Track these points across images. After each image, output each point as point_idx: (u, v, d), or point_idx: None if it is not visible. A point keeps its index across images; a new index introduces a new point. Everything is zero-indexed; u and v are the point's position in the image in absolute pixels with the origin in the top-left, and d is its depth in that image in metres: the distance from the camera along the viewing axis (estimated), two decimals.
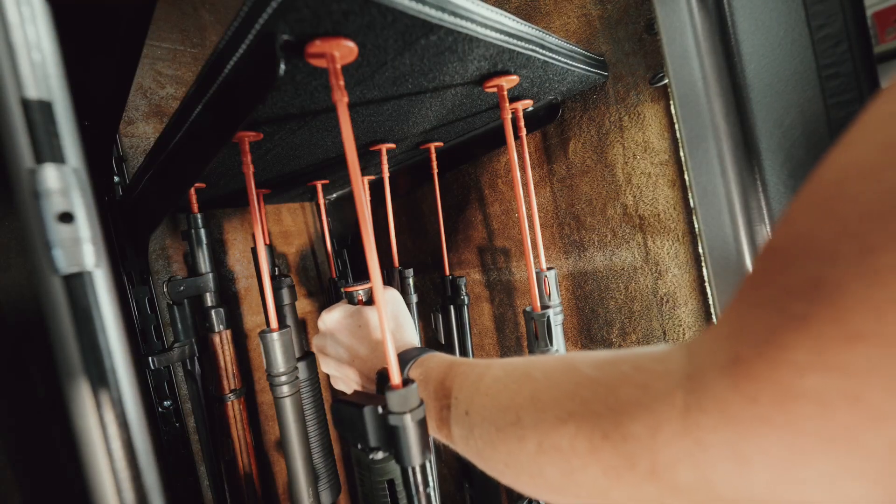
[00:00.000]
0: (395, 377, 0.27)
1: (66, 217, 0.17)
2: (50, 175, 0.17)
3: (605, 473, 0.18)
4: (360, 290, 0.46)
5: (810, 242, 0.13)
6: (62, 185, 0.17)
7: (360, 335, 0.41)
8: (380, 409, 0.27)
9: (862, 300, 0.11)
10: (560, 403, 0.21)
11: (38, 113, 0.17)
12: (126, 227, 0.63)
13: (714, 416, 0.15)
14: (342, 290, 0.47)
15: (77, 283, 0.18)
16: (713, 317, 0.49)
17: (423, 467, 0.27)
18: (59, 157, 0.17)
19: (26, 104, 0.17)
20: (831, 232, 0.12)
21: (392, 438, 0.26)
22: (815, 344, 0.12)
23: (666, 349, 0.19)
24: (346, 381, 0.44)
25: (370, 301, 0.46)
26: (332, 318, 0.44)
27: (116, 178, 0.65)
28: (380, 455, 0.28)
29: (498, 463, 0.24)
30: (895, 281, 0.11)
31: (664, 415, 0.16)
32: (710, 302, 0.49)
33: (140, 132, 0.71)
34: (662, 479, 0.16)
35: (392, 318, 0.42)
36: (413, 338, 0.42)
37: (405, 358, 0.36)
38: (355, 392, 0.34)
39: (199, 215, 0.61)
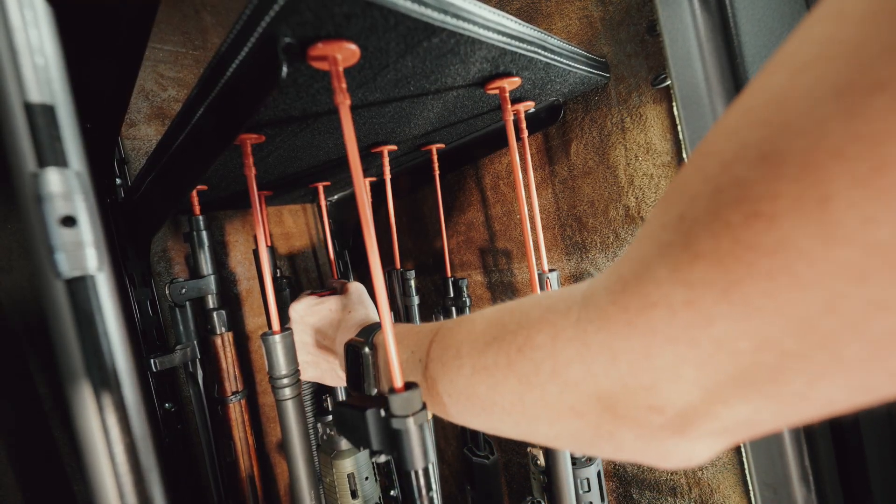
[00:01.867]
0: (398, 381, 0.27)
1: (69, 221, 0.17)
2: (52, 179, 0.17)
3: (520, 381, 0.22)
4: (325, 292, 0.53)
5: (679, 193, 0.16)
6: (64, 189, 0.17)
7: (328, 318, 0.48)
8: (382, 413, 0.27)
9: (704, 227, 0.15)
10: (487, 332, 0.25)
11: (41, 117, 0.17)
12: (128, 229, 0.63)
13: (596, 323, 0.19)
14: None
15: (79, 287, 0.18)
16: None
17: (425, 470, 0.27)
18: (61, 161, 0.17)
19: (29, 108, 0.17)
20: (695, 184, 0.16)
21: (394, 442, 0.26)
22: (670, 263, 0.16)
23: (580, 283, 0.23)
24: (316, 364, 0.49)
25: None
26: (301, 306, 0.50)
27: (118, 181, 0.65)
28: (382, 458, 0.28)
29: (442, 395, 0.28)
30: (729, 214, 0.14)
31: (561, 325, 0.21)
32: None
33: (142, 134, 0.71)
34: (560, 376, 0.20)
35: (358, 301, 0.49)
36: (377, 316, 0.48)
37: (372, 328, 0.40)
38: (357, 395, 0.35)
39: (200, 217, 0.61)
